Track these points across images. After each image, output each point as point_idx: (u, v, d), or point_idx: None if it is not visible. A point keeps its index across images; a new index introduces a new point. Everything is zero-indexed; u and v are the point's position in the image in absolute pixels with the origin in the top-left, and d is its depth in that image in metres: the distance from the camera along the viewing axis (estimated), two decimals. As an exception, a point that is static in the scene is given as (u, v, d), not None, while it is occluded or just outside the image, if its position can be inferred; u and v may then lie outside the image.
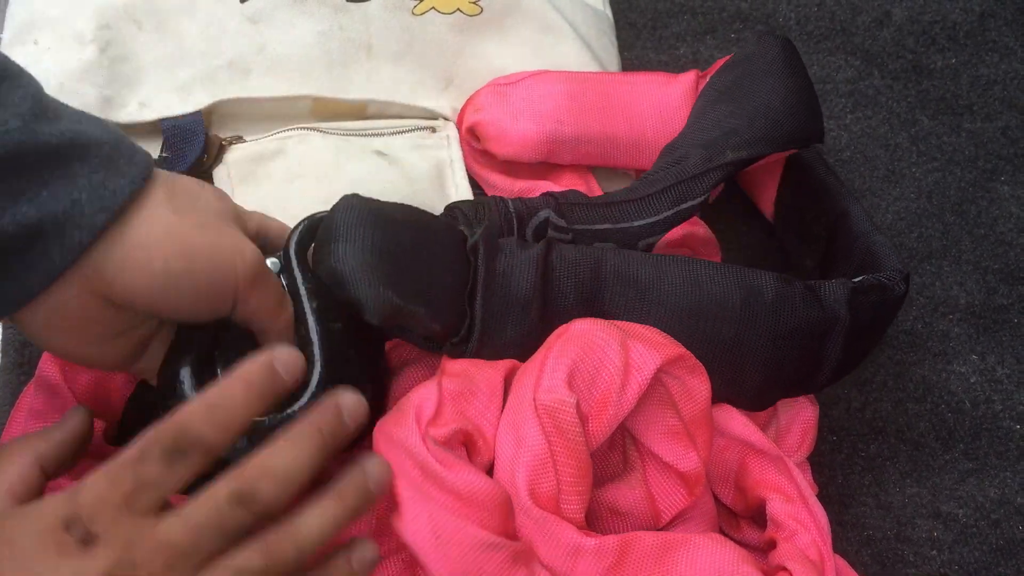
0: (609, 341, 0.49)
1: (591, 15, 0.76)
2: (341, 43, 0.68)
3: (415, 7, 0.70)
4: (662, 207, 0.55)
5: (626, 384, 0.49)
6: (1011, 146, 0.80)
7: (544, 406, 0.47)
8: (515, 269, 0.52)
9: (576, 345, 0.49)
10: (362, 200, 0.50)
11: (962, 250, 0.74)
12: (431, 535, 0.44)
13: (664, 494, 0.52)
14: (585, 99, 0.66)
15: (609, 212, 0.56)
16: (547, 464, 0.47)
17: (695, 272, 0.54)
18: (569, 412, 0.47)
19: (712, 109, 0.60)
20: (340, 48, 0.68)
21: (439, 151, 0.69)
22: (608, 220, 0.56)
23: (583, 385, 0.49)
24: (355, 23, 0.69)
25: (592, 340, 0.49)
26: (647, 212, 0.55)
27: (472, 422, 0.49)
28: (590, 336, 0.49)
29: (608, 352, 0.49)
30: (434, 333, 0.51)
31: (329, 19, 0.68)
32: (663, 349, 0.50)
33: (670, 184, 0.55)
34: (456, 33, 0.71)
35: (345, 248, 0.48)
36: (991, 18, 0.87)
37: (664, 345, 0.50)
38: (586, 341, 0.49)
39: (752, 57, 0.61)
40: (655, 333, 0.51)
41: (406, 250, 0.49)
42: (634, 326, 0.52)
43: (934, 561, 0.61)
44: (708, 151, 0.57)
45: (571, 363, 0.48)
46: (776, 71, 0.59)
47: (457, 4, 0.71)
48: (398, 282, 0.48)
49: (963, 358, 0.69)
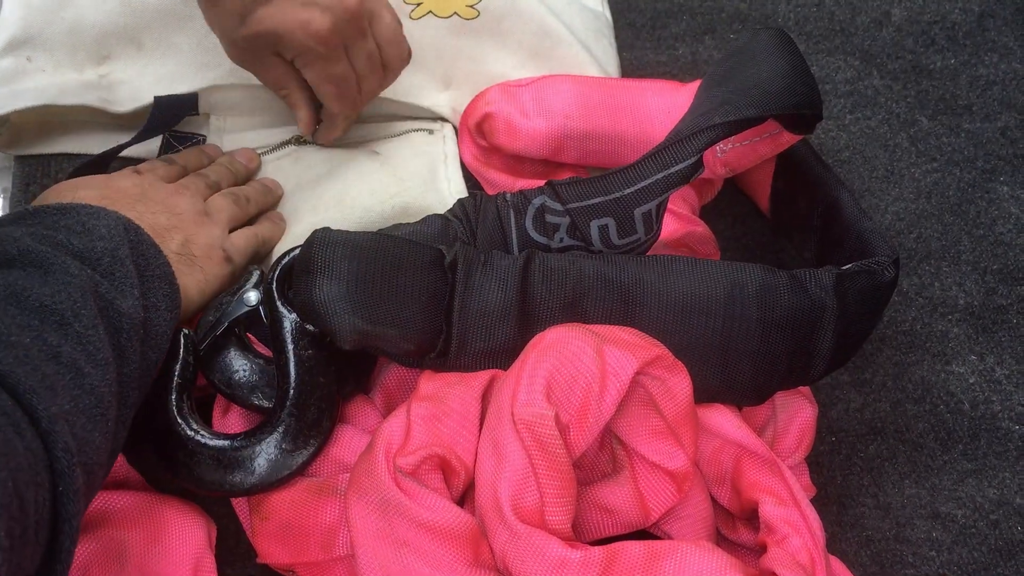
0: (584, 348, 0.49)
1: (589, 17, 0.76)
2: None
3: (412, 11, 0.71)
4: (651, 171, 0.55)
5: (604, 391, 0.49)
6: (1010, 146, 0.80)
7: (523, 420, 0.47)
8: (493, 282, 0.53)
9: (551, 355, 0.49)
10: (335, 234, 0.52)
11: (961, 250, 0.74)
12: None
13: (653, 492, 0.52)
14: (594, 98, 0.67)
15: (601, 185, 0.56)
16: (529, 479, 0.47)
17: (676, 270, 0.54)
18: (548, 425, 0.48)
19: (706, 94, 0.60)
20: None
21: (433, 147, 0.69)
22: (600, 193, 0.56)
23: (561, 395, 0.49)
24: (353, 28, 0.69)
25: (567, 349, 0.49)
26: (637, 178, 0.55)
27: (446, 445, 0.50)
28: (564, 345, 0.50)
29: (583, 360, 0.49)
30: (408, 352, 0.53)
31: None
32: (640, 351, 0.50)
33: (659, 148, 0.55)
34: (454, 37, 0.71)
35: (318, 281, 0.51)
36: (990, 18, 0.87)
37: (641, 347, 0.50)
38: (561, 350, 0.49)
39: (744, 46, 0.61)
40: (632, 335, 0.51)
41: (378, 277, 0.51)
42: (610, 329, 0.52)
43: (933, 562, 0.61)
44: (698, 120, 0.57)
45: (547, 374, 0.49)
46: (769, 53, 0.59)
47: (454, 8, 0.71)
48: (368, 308, 0.51)
49: (962, 359, 0.69)
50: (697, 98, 0.62)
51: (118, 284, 0.46)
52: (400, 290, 0.51)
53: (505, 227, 0.58)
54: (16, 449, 0.36)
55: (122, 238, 0.48)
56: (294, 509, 0.52)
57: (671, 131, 0.58)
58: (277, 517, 0.52)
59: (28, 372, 0.39)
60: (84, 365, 0.42)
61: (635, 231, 0.57)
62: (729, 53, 0.64)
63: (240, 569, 0.55)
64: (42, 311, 0.42)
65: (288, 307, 0.53)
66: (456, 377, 0.53)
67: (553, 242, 0.58)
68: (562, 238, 0.58)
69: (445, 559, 0.46)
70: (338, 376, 0.54)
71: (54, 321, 0.42)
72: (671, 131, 0.58)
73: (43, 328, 0.41)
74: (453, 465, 0.50)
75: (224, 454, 0.52)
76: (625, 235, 0.57)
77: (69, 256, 0.45)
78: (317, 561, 0.51)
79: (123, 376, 0.45)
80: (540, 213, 0.58)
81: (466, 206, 0.59)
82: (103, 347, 0.43)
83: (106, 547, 0.50)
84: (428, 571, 0.46)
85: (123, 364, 0.45)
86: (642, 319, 0.53)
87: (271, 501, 0.52)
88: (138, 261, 0.49)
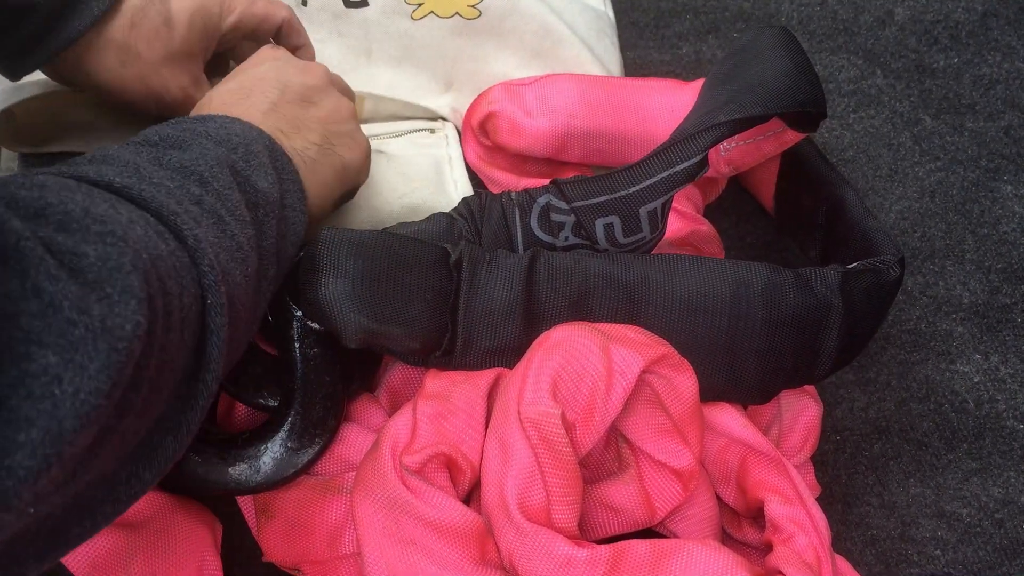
0: (590, 347, 0.49)
1: (591, 16, 0.76)
2: (340, 49, 0.68)
3: (413, 12, 0.71)
4: (656, 169, 0.55)
5: (610, 389, 0.49)
6: (1014, 145, 0.80)
7: (529, 419, 0.47)
8: (498, 280, 0.53)
9: (557, 354, 0.49)
10: (341, 232, 0.52)
11: (965, 249, 0.74)
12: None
13: (659, 490, 0.52)
14: (597, 97, 0.67)
15: (606, 183, 0.56)
16: (535, 477, 0.47)
17: (681, 269, 0.54)
18: (554, 423, 0.48)
19: (710, 93, 0.60)
20: (339, 53, 0.68)
21: (437, 149, 0.69)
22: (606, 191, 0.56)
23: (567, 394, 0.49)
24: (354, 29, 0.69)
25: (573, 347, 0.49)
26: (642, 176, 0.55)
27: (452, 443, 0.50)
28: (570, 343, 0.50)
29: (590, 358, 0.49)
30: (414, 350, 0.53)
31: (328, 25, 0.69)
32: (646, 350, 0.50)
33: (664, 147, 0.55)
34: (455, 37, 0.71)
35: (324, 279, 0.51)
36: (993, 17, 0.87)
37: (647, 345, 0.50)
38: (567, 349, 0.49)
39: (748, 45, 0.61)
40: (638, 333, 0.51)
41: (384, 275, 0.51)
42: (616, 327, 0.52)
43: (938, 561, 0.61)
44: (703, 118, 0.57)
45: (553, 373, 0.49)
46: (773, 52, 0.59)
47: (455, 8, 0.71)
48: (374, 307, 0.51)
49: (966, 358, 0.69)
50: (701, 97, 0.62)
51: (253, 166, 0.47)
52: (406, 288, 0.51)
53: (510, 226, 0.58)
54: (159, 247, 0.37)
55: (258, 136, 0.49)
56: (300, 508, 0.52)
57: (676, 129, 0.58)
58: (283, 516, 0.52)
59: (173, 203, 0.40)
60: (225, 216, 0.43)
61: (640, 229, 0.57)
62: (732, 52, 0.64)
63: (246, 568, 0.55)
64: (183, 170, 0.43)
65: (294, 305, 0.53)
66: (462, 376, 0.53)
67: (558, 241, 0.58)
68: (567, 237, 0.58)
69: (452, 557, 0.46)
70: (343, 375, 0.54)
71: (194, 179, 0.43)
72: (676, 129, 0.58)
73: (185, 181, 0.42)
74: (459, 463, 0.50)
75: (229, 453, 0.52)
76: (630, 234, 0.57)
77: (205, 139, 0.46)
78: (323, 560, 0.51)
79: (262, 249, 0.45)
80: (545, 212, 0.58)
81: (471, 205, 0.59)
82: (241, 208, 0.44)
83: (112, 546, 0.50)
84: (435, 569, 0.46)
85: (261, 238, 0.45)
86: (647, 317, 0.53)
87: (277, 500, 0.52)
88: (273, 158, 0.49)
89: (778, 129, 0.61)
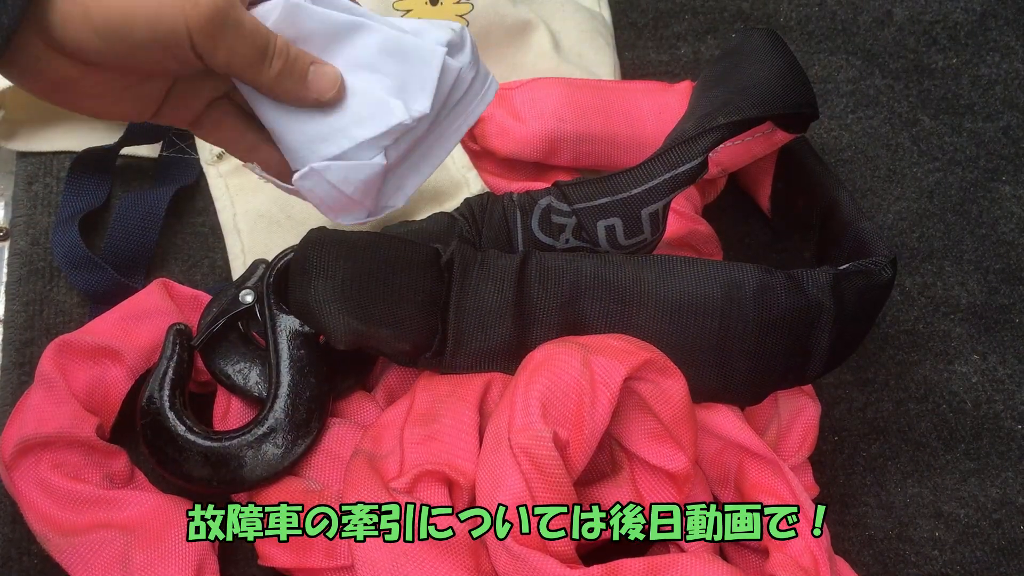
0: (571, 362, 0.49)
1: (585, 17, 0.76)
2: None
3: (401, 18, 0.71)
4: (658, 171, 0.55)
5: (596, 400, 0.49)
6: (1012, 146, 0.80)
7: (520, 446, 0.47)
8: (489, 281, 0.53)
9: (542, 374, 0.49)
10: (329, 233, 0.52)
11: (963, 250, 0.74)
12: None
13: (653, 493, 0.52)
14: (585, 100, 0.67)
15: (607, 185, 0.56)
16: (526, 503, 0.47)
17: (674, 270, 0.54)
18: (546, 446, 0.47)
19: (704, 95, 0.60)
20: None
21: None
22: (607, 193, 0.56)
23: (556, 411, 0.49)
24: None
25: (555, 365, 0.49)
26: (644, 178, 0.55)
27: (443, 462, 0.50)
28: (552, 362, 0.49)
29: (571, 372, 0.49)
30: (404, 351, 0.53)
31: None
32: (628, 357, 0.49)
33: (665, 149, 0.55)
34: (443, 43, 0.71)
35: (313, 281, 0.51)
36: (992, 18, 0.87)
37: (629, 352, 0.50)
38: (550, 368, 0.49)
39: (738, 47, 0.62)
40: (621, 341, 0.51)
41: (373, 276, 0.51)
42: (598, 338, 0.51)
43: (936, 561, 0.61)
44: (702, 120, 0.57)
45: (540, 394, 0.48)
46: (763, 54, 0.59)
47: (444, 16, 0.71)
48: (363, 308, 0.51)
49: (964, 358, 0.69)
50: (695, 99, 0.62)
51: None
52: (395, 289, 0.51)
53: (511, 227, 0.58)
54: None
55: None
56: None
57: (673, 131, 0.58)
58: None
59: None
60: None
61: (642, 231, 0.57)
62: (722, 54, 0.64)
63: (244, 569, 0.55)
64: None
65: (283, 307, 0.53)
66: (448, 388, 0.53)
67: (559, 243, 0.58)
68: (568, 239, 0.58)
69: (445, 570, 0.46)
70: (330, 376, 0.55)
71: None
72: (673, 131, 0.58)
73: None
74: (454, 478, 0.50)
75: (213, 451, 0.52)
76: (632, 235, 0.57)
77: None
78: (319, 568, 0.51)
79: None
80: (546, 214, 0.58)
81: (472, 205, 0.59)
82: None
83: (110, 546, 0.50)
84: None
85: None
86: (639, 319, 0.53)
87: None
88: None
89: (768, 130, 0.62)
